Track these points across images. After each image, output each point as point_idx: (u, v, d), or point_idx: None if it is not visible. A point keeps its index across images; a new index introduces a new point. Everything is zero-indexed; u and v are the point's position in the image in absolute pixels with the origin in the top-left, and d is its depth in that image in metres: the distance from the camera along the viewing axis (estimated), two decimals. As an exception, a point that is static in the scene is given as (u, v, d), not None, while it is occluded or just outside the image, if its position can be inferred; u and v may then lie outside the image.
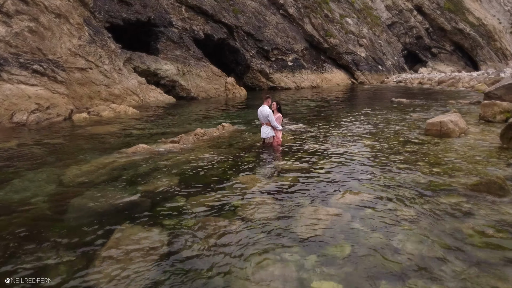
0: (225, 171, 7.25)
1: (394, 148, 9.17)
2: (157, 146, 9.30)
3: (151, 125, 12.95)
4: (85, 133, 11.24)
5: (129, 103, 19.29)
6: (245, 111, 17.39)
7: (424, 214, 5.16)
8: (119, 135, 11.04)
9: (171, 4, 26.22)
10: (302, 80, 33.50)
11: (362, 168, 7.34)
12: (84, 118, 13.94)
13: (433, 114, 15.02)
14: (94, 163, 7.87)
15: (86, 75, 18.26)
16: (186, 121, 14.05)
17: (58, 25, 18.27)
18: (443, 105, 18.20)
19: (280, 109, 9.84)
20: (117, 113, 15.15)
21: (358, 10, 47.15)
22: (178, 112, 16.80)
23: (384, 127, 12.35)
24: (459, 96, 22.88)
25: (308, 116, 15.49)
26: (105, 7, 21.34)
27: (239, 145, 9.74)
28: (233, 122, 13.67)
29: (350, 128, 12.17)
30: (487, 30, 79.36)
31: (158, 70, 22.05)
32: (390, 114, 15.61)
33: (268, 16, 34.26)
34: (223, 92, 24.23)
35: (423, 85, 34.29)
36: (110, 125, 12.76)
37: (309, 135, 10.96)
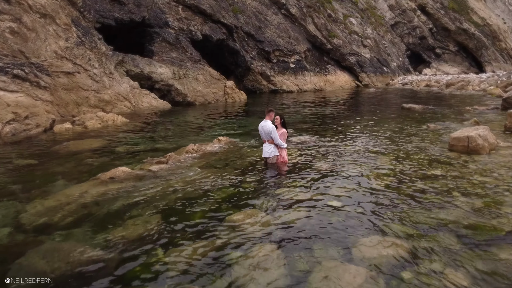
0: (218, 205, 5.89)
1: (419, 170, 7.80)
2: (140, 169, 7.94)
3: (139, 138, 11.59)
4: (63, 150, 9.88)
5: (120, 110, 17.94)
6: (244, 119, 16.03)
7: (480, 282, 3.79)
8: (101, 152, 9.68)
9: (167, 3, 24.88)
10: (305, 83, 32.12)
11: (385, 201, 5.96)
12: (67, 129, 12.59)
13: (452, 124, 13.65)
14: (62, 195, 6.52)
15: (73, 80, 16.90)
16: (179, 133, 12.69)
17: (43, 26, 16.91)
18: (460, 112, 16.82)
19: (285, 124, 8.48)
20: (104, 122, 13.80)
21: (362, 9, 45.77)
22: (172, 121, 15.44)
23: (401, 140, 10.98)
24: (473, 101, 21.49)
25: (313, 125, 14.13)
26: (96, 6, 19.99)
27: (237, 164, 8.38)
28: (230, 133, 12.31)
29: (363, 141, 10.80)
30: (491, 30, 77.97)
31: (152, 73, 20.69)
32: (404, 123, 14.23)
33: (269, 16, 32.89)
34: (221, 96, 22.87)
35: (431, 87, 32.92)
36: (94, 138, 11.41)
37: (317, 151, 9.60)
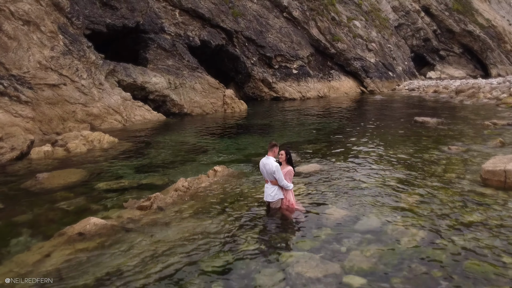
0: (209, 279, 4.55)
1: (453, 216, 6.47)
2: (118, 217, 6.60)
3: (124, 168, 10.23)
4: (35, 187, 8.53)
5: (110, 125, 16.60)
6: (243, 136, 14.67)
7: None
8: (78, 190, 8.33)
9: (163, 7, 23.54)
10: (308, 90, 30.75)
11: (421, 278, 4.56)
12: (46, 154, 11.24)
13: (475, 145, 12.28)
14: (15, 263, 5.20)
15: (59, 93, 15.57)
16: (170, 158, 11.33)
17: (26, 34, 15.59)
18: (479, 128, 15.45)
19: (291, 160, 7.13)
20: (89, 142, 12.46)
21: (366, 12, 44.38)
22: (164, 140, 14.09)
23: (422, 168, 9.62)
24: (489, 113, 20.09)
25: (320, 145, 12.75)
26: (85, 11, 18.66)
27: (233, 210, 7.03)
28: (228, 159, 10.95)
29: (378, 170, 9.43)
30: (497, 32, 76.67)
31: (146, 83, 19.35)
32: (420, 143, 12.86)
33: (271, 20, 31.54)
34: (220, 106, 21.52)
35: (439, 94, 31.54)
36: (74, 168, 10.07)
37: (328, 187, 8.23)
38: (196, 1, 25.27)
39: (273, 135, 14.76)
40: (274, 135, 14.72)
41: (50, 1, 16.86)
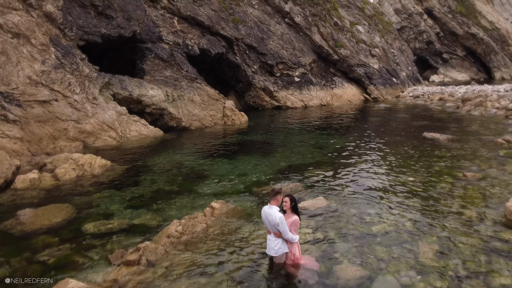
0: None
1: (481, 278, 5.70)
2: (102, 279, 5.83)
3: (115, 203, 9.45)
4: (15, 229, 7.76)
5: (104, 142, 15.84)
6: (244, 158, 13.89)
7: None
8: (61, 234, 7.56)
9: (161, 15, 22.77)
10: (310, 98, 29.96)
11: None
12: (32, 182, 10.47)
13: (491, 170, 11.48)
14: None
15: (50, 109, 14.81)
16: (165, 186, 10.55)
17: (15, 48, 14.83)
18: (492, 147, 14.65)
19: (296, 208, 6.35)
20: (79, 167, 11.69)
21: (369, 16, 43.55)
22: (160, 161, 13.32)
23: (438, 204, 8.83)
24: (500, 127, 19.28)
25: (324, 169, 11.92)
26: (79, 22, 17.88)
27: (233, 262, 6.27)
28: (227, 188, 10.17)
29: (391, 206, 8.62)
30: (500, 34, 75.76)
31: (142, 96, 18.57)
32: (432, 167, 12.05)
33: (272, 26, 30.75)
34: (220, 119, 20.74)
35: (445, 102, 30.73)
36: (61, 200, 9.31)
37: (337, 231, 7.44)
38: (195, 8, 24.51)
39: (274, 156, 13.98)
40: (275, 156, 13.94)
41: (41, 12, 16.09)
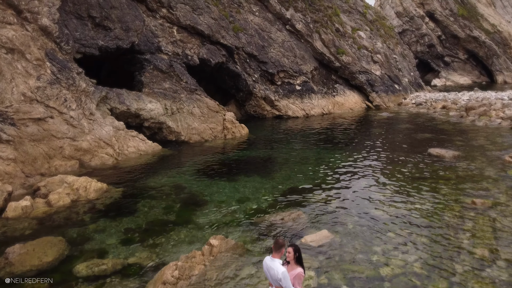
0: None
1: None
2: None
3: (110, 234, 9.06)
4: (2, 270, 7.34)
5: (100, 160, 15.43)
6: (244, 179, 13.48)
7: None
8: (52, 277, 7.17)
9: (160, 25, 22.36)
10: (312, 107, 29.53)
11: None
12: (24, 210, 10.05)
13: (500, 195, 11.08)
14: None
15: (45, 127, 14.41)
16: (162, 215, 10.15)
17: (9, 63, 14.43)
18: (499, 166, 14.24)
19: (301, 259, 5.94)
20: (74, 191, 11.29)
21: (371, 21, 43.11)
22: (158, 184, 12.91)
23: (448, 241, 8.41)
24: (506, 140, 18.84)
25: (328, 192, 11.49)
26: (76, 34, 17.48)
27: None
28: (226, 218, 9.76)
29: (398, 241, 8.15)
30: (502, 37, 75.29)
31: (140, 110, 18.17)
32: (439, 192, 11.62)
33: (273, 33, 30.32)
34: (220, 132, 20.34)
35: (449, 111, 30.31)
36: (53, 231, 8.92)
37: (343, 274, 7.02)
38: (195, 17, 24.10)
39: (275, 177, 13.57)
40: (276, 177, 13.53)
41: (37, 26, 15.69)
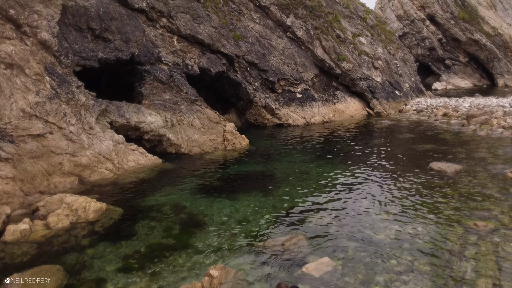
0: None
1: None
2: None
3: (108, 259, 8.97)
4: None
5: (100, 175, 15.35)
6: (243, 197, 13.38)
7: None
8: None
9: (160, 35, 22.28)
10: (313, 115, 29.44)
11: None
12: (22, 234, 9.96)
13: (505, 217, 10.98)
14: None
15: (44, 143, 14.32)
16: (161, 238, 10.05)
17: (8, 79, 14.35)
18: (501, 182, 14.14)
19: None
20: (73, 212, 11.20)
21: (372, 26, 43.01)
22: (157, 202, 12.82)
23: (450, 270, 8.31)
24: (509, 151, 18.75)
25: (327, 210, 11.39)
26: (76, 47, 17.40)
27: None
28: (227, 244, 9.66)
29: (400, 269, 8.05)
30: (503, 40, 75.19)
31: (140, 123, 18.08)
32: (442, 213, 11.52)
33: (274, 41, 30.24)
34: (220, 143, 20.25)
35: (450, 118, 30.22)
36: (52, 258, 8.84)
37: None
38: (195, 26, 24.02)
39: (276, 194, 13.47)
40: (277, 194, 13.43)
41: (36, 40, 15.60)
